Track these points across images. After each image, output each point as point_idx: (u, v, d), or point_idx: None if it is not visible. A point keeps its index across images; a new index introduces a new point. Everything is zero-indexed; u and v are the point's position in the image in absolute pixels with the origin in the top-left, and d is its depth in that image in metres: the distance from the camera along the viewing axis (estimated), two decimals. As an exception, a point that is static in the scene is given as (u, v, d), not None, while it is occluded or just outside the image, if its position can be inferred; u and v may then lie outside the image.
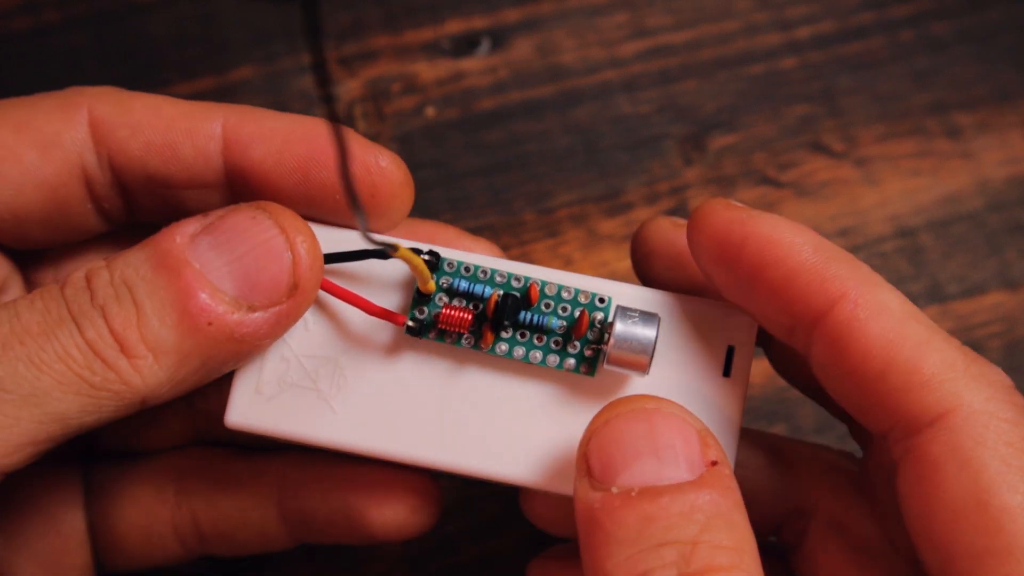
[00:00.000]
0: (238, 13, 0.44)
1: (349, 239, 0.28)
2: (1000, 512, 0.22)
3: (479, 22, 0.45)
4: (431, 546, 0.37)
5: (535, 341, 0.27)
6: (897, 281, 0.41)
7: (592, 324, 0.27)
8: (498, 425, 0.27)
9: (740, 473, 0.27)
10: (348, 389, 0.28)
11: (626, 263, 0.41)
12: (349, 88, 0.44)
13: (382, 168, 0.28)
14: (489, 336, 0.27)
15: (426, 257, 0.27)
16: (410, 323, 0.27)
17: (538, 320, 0.27)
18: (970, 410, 0.23)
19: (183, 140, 0.28)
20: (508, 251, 0.41)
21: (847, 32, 0.46)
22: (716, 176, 0.43)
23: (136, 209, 0.30)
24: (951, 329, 0.41)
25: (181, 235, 0.26)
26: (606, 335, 0.27)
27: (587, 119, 0.44)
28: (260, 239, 0.26)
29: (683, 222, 0.30)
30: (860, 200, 0.43)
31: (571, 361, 0.27)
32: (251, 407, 0.28)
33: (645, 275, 0.31)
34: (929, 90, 0.45)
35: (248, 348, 0.26)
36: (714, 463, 0.24)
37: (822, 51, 0.45)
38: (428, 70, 0.44)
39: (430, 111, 0.43)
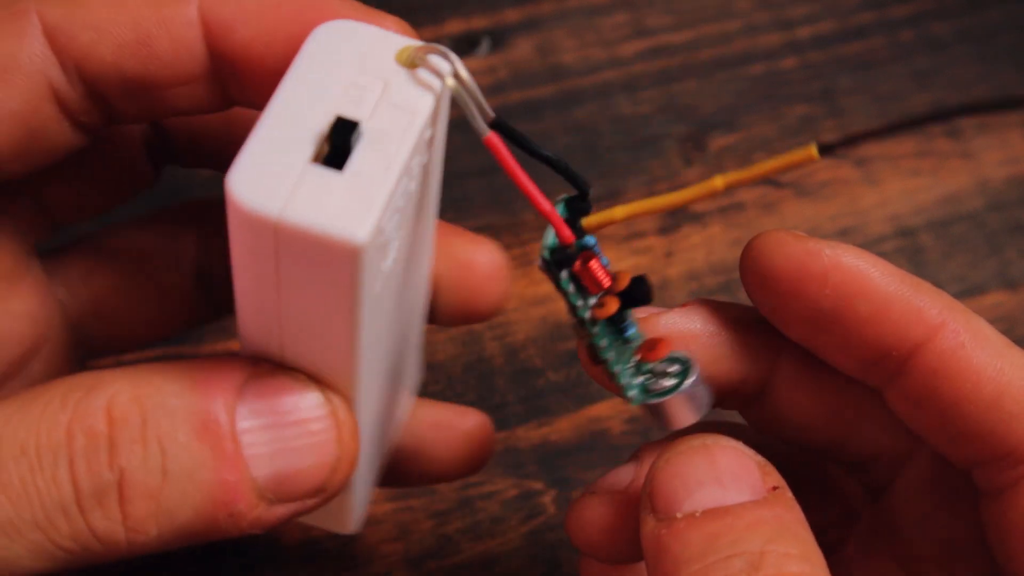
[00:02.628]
0: (238, 13, 0.44)
1: None
2: None
3: (479, 22, 0.45)
4: (431, 546, 0.37)
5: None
6: (897, 281, 0.42)
7: (668, 358, 0.25)
8: None
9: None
10: (394, 254, 0.23)
11: (625, 263, 0.41)
12: (349, 88, 0.44)
13: (479, 264, 0.26)
14: (612, 307, 0.24)
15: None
16: (568, 248, 0.24)
17: (624, 324, 0.25)
18: None
19: (157, 33, 0.23)
20: (508, 251, 0.41)
21: (847, 32, 0.46)
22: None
23: (117, 115, 0.26)
24: (951, 329, 0.41)
25: (225, 394, 0.22)
26: (671, 376, 0.25)
27: (587, 119, 0.44)
28: (313, 429, 0.23)
29: (805, 236, 0.27)
30: (860, 200, 0.43)
31: (636, 385, 0.25)
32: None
33: (762, 305, 0.27)
34: (929, 90, 0.45)
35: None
36: (775, 488, 0.23)
37: (822, 51, 0.45)
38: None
39: (430, 111, 0.43)
